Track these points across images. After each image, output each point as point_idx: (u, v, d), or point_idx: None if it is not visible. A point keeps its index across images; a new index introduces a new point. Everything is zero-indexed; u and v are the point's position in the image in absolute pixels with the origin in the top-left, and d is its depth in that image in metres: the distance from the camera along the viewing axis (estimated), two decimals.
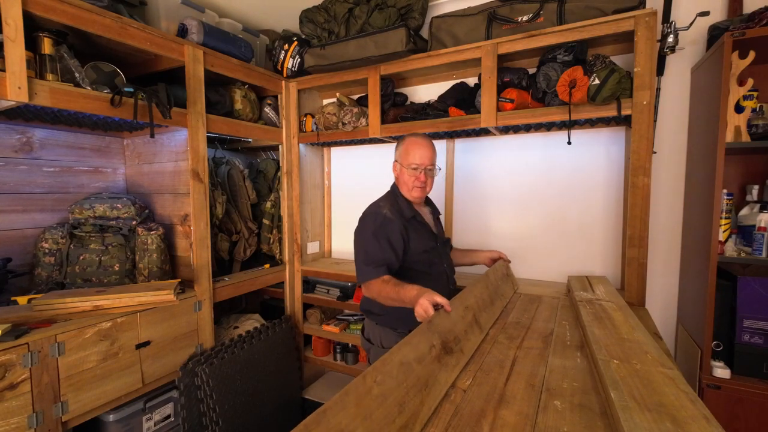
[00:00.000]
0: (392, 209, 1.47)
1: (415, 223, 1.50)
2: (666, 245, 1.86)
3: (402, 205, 1.50)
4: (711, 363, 1.53)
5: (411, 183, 1.48)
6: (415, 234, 1.47)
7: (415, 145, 1.47)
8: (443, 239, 1.64)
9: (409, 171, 1.47)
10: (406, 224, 1.45)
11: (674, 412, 0.72)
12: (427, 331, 0.99)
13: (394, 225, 1.41)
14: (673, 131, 1.82)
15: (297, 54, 2.24)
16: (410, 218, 1.48)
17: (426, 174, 1.48)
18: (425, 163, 1.46)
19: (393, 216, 1.43)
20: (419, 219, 1.51)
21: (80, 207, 1.74)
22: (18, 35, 1.22)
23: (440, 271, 1.53)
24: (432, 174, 1.51)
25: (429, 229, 1.54)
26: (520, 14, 1.76)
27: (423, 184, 1.48)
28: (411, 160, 1.46)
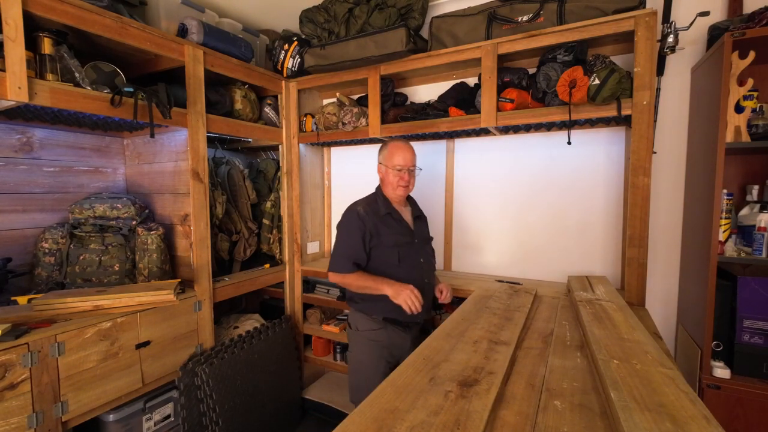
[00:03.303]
0: (367, 208, 1.65)
1: (390, 219, 1.65)
2: (666, 245, 1.86)
3: (380, 203, 1.67)
4: (711, 363, 1.53)
5: (396, 182, 1.64)
6: (387, 229, 1.63)
7: (398, 149, 1.64)
8: (424, 237, 1.78)
9: (394, 172, 1.63)
10: (378, 221, 1.62)
11: (674, 412, 0.72)
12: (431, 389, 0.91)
13: (364, 223, 1.61)
14: (673, 131, 1.82)
15: (297, 54, 2.24)
16: (384, 215, 1.64)
17: (409, 174, 1.64)
18: (408, 164, 1.63)
19: (365, 214, 1.62)
20: (395, 216, 1.67)
21: (80, 207, 1.74)
22: (18, 35, 1.22)
23: (413, 265, 1.65)
24: (414, 174, 1.68)
25: (405, 226, 1.69)
26: (520, 14, 1.76)
27: (407, 183, 1.64)
28: (395, 161, 1.62)
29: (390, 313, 1.60)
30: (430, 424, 0.75)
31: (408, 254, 1.64)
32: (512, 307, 1.49)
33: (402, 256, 1.62)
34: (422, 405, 0.82)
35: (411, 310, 1.44)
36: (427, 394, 0.87)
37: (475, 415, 0.77)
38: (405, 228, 1.68)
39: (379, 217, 1.63)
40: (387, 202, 1.68)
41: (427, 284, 1.67)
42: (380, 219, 1.63)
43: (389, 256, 1.61)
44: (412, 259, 1.65)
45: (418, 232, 1.74)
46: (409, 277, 1.59)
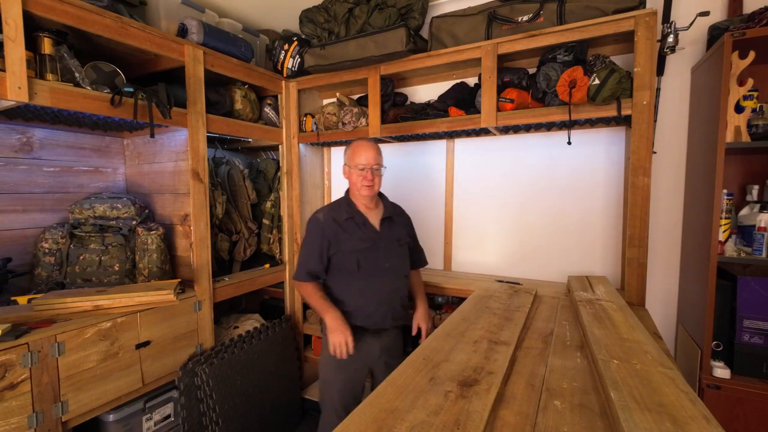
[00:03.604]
0: (328, 213, 1.63)
1: (351, 223, 1.60)
2: (666, 245, 1.86)
3: (343, 208, 1.63)
4: (711, 363, 1.53)
5: (359, 182, 1.58)
6: (347, 235, 1.58)
7: (360, 148, 1.59)
8: (395, 239, 1.67)
9: (357, 171, 1.58)
10: (338, 227, 1.58)
11: (674, 412, 0.72)
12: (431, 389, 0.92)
13: (323, 230, 1.59)
14: (673, 131, 1.82)
15: (297, 54, 2.24)
16: (345, 220, 1.59)
17: (373, 173, 1.58)
18: (371, 163, 1.57)
19: (325, 221, 1.60)
20: (357, 220, 1.60)
21: (80, 207, 1.74)
22: (18, 35, 1.22)
23: (375, 272, 1.59)
24: (379, 173, 1.62)
25: (370, 229, 1.61)
26: (520, 14, 1.76)
27: (370, 183, 1.58)
28: (358, 161, 1.58)
29: (355, 320, 1.58)
30: (430, 424, 0.75)
31: (369, 260, 1.58)
32: (512, 307, 1.49)
33: (362, 263, 1.57)
34: (422, 405, 0.82)
35: (337, 354, 1.48)
36: (427, 394, 0.87)
37: (475, 415, 0.77)
38: (368, 232, 1.61)
39: (340, 222, 1.59)
40: (351, 206, 1.63)
41: (393, 290, 1.62)
42: (341, 224, 1.59)
43: (349, 263, 1.57)
44: (375, 265, 1.59)
45: (386, 235, 1.64)
46: (370, 285, 1.57)
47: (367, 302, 1.58)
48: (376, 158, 1.59)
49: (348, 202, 1.65)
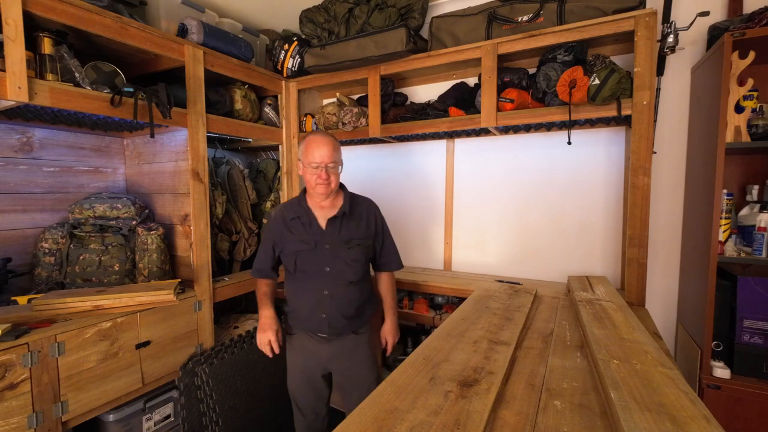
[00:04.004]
0: (281, 211, 1.57)
1: (297, 223, 1.52)
2: (666, 245, 1.86)
3: (294, 205, 1.56)
4: (711, 363, 1.53)
5: (313, 180, 1.46)
6: (291, 235, 1.52)
7: (314, 144, 1.46)
8: (344, 240, 1.51)
9: (311, 169, 1.46)
10: (285, 225, 1.53)
11: (674, 412, 0.72)
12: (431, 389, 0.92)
13: (272, 229, 1.57)
14: (673, 131, 1.82)
15: (297, 54, 2.24)
16: (292, 219, 1.53)
17: (328, 171, 1.46)
18: (325, 161, 1.45)
19: (275, 219, 1.57)
20: (304, 220, 1.52)
21: (80, 207, 1.74)
22: (18, 35, 1.22)
23: (312, 275, 1.50)
24: (335, 171, 1.49)
25: (315, 229, 1.51)
26: (520, 14, 1.76)
27: (325, 181, 1.46)
28: (311, 158, 1.45)
29: (293, 322, 1.57)
30: (430, 424, 0.75)
31: (308, 262, 1.49)
32: (512, 307, 1.49)
33: (299, 265, 1.49)
34: (422, 405, 0.82)
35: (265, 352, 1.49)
36: (427, 394, 0.87)
37: (475, 415, 0.77)
38: (312, 232, 1.50)
39: (287, 221, 1.53)
40: (301, 204, 1.55)
41: (332, 297, 1.49)
42: (287, 224, 1.53)
43: (289, 264, 1.51)
44: (313, 268, 1.49)
45: (332, 235, 1.50)
46: (306, 289, 1.51)
47: (302, 306, 1.53)
48: (332, 155, 1.46)
49: (299, 200, 1.57)
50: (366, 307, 1.60)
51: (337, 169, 1.51)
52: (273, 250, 1.56)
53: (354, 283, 1.53)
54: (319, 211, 1.54)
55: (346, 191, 1.62)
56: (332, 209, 1.54)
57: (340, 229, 1.52)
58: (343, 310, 1.51)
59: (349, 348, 1.55)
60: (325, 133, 1.49)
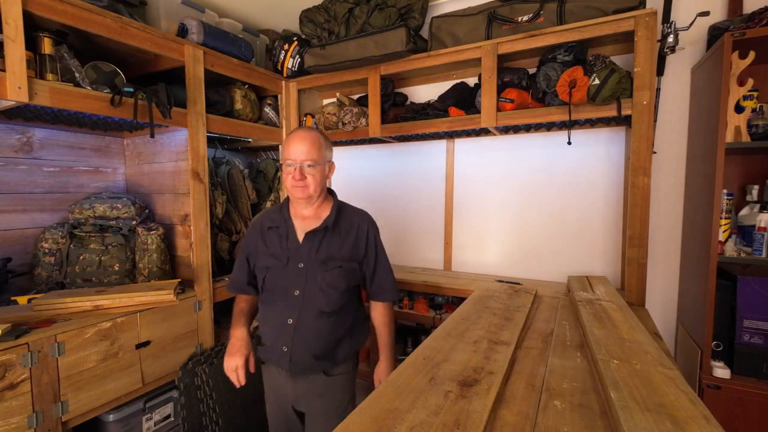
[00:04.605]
0: (261, 217, 1.39)
1: (273, 234, 1.32)
2: (666, 245, 1.86)
3: (276, 212, 1.36)
4: (711, 363, 1.53)
5: (288, 182, 1.27)
6: (264, 247, 1.32)
7: (291, 139, 1.27)
8: (320, 259, 1.26)
9: (286, 168, 1.27)
10: (260, 236, 1.34)
11: (674, 412, 0.72)
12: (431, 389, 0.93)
13: (248, 238, 1.38)
14: (673, 131, 1.82)
15: (297, 54, 2.24)
16: (270, 228, 1.33)
17: (303, 171, 1.23)
18: (300, 158, 1.23)
19: (253, 226, 1.39)
20: (281, 230, 1.30)
21: (80, 207, 1.74)
22: (18, 35, 1.22)
23: (279, 296, 1.27)
24: (314, 172, 1.25)
25: (290, 244, 1.28)
26: (520, 14, 1.76)
27: (299, 182, 1.23)
28: (286, 155, 1.27)
29: (264, 352, 1.33)
30: (430, 424, 0.75)
31: (276, 281, 1.27)
32: (512, 307, 1.49)
33: (267, 283, 1.28)
34: (422, 405, 0.82)
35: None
36: (427, 394, 0.87)
37: (475, 415, 0.77)
38: (286, 246, 1.28)
39: (264, 229, 1.34)
40: (283, 212, 1.34)
41: (298, 329, 1.23)
42: (264, 233, 1.34)
43: (259, 281, 1.32)
44: (281, 289, 1.26)
45: (307, 252, 1.26)
46: (271, 314, 1.29)
47: (266, 333, 1.31)
48: (309, 152, 1.23)
49: (282, 207, 1.36)
50: (342, 347, 1.30)
51: (318, 171, 1.26)
52: (248, 262, 1.36)
53: (327, 315, 1.25)
54: (300, 221, 1.31)
55: (335, 200, 1.37)
56: (315, 220, 1.31)
57: (319, 246, 1.27)
58: (309, 346, 1.24)
59: (319, 391, 1.28)
60: (311, 129, 1.29)
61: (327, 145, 1.30)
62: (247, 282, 1.37)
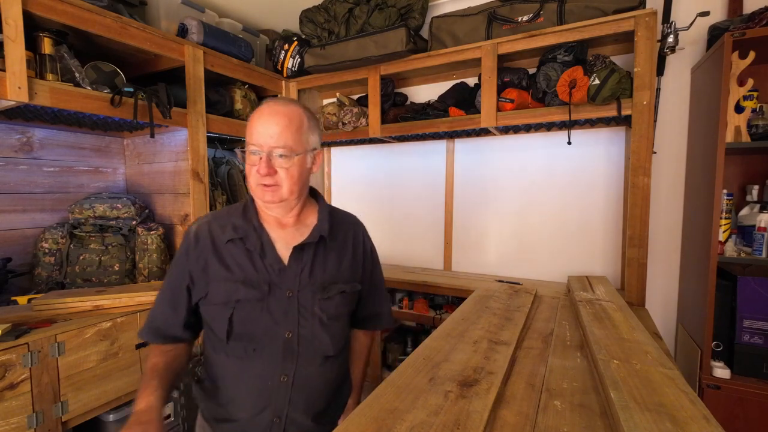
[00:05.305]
0: (210, 223, 0.94)
1: (237, 249, 0.90)
2: (666, 245, 1.86)
3: (235, 217, 0.94)
4: (711, 363, 1.53)
5: (252, 178, 0.88)
6: (223, 270, 0.88)
7: (257, 116, 0.87)
8: (317, 285, 0.92)
9: (249, 157, 0.88)
10: (213, 251, 0.90)
11: (674, 412, 0.72)
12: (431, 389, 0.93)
13: (188, 256, 0.91)
14: (673, 131, 1.82)
15: (297, 54, 2.24)
16: (230, 240, 0.90)
17: (272, 162, 0.85)
18: (269, 144, 0.84)
19: (198, 236, 0.92)
20: (251, 243, 0.90)
21: (80, 207, 1.74)
22: (18, 35, 1.22)
23: (260, 342, 0.87)
24: (288, 164, 0.86)
25: (268, 264, 0.89)
26: (520, 14, 1.76)
27: (269, 181, 0.86)
28: (248, 139, 0.88)
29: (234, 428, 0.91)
30: (429, 424, 0.75)
31: (253, 322, 0.87)
32: (512, 307, 1.49)
33: (237, 326, 0.87)
34: (422, 405, 0.82)
35: None
36: (427, 394, 0.87)
37: (475, 415, 0.77)
38: (265, 266, 0.89)
39: (218, 243, 0.91)
40: (248, 214, 0.94)
41: (288, 385, 0.88)
42: (218, 247, 0.90)
43: (217, 321, 0.88)
44: (263, 334, 0.87)
45: (300, 275, 0.90)
46: (244, 370, 0.88)
47: (237, 401, 0.90)
48: (282, 135, 0.85)
49: (245, 210, 0.95)
50: (342, 395, 1.03)
51: (296, 163, 0.87)
52: (187, 294, 0.91)
53: (332, 360, 0.95)
54: (278, 231, 0.94)
55: (322, 202, 1.03)
56: (299, 229, 0.96)
57: (313, 265, 0.92)
58: (309, 406, 0.90)
59: None
60: (290, 101, 0.91)
61: (312, 125, 0.92)
62: (183, 324, 0.93)
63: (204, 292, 0.89)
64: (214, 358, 0.95)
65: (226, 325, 0.87)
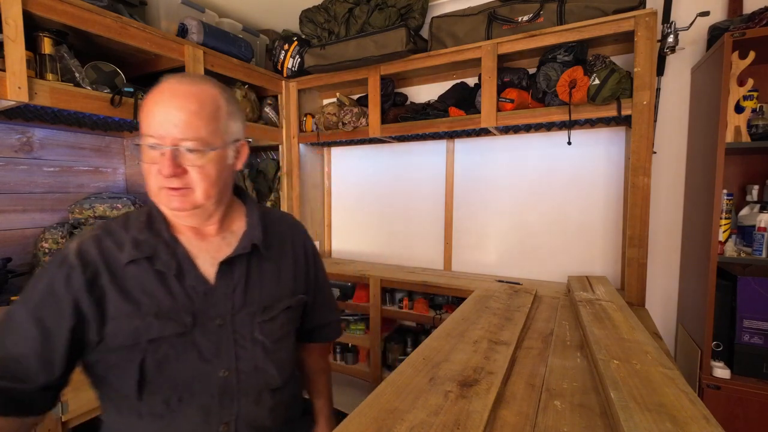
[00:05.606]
0: (102, 239, 0.71)
1: (137, 273, 0.70)
2: (666, 245, 1.86)
3: (136, 229, 0.73)
4: (711, 363, 1.53)
5: (151, 179, 0.69)
6: (126, 304, 0.68)
7: (155, 98, 0.68)
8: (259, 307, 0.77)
9: (146, 153, 0.69)
10: (109, 277, 0.68)
11: (674, 412, 0.72)
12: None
13: (66, 285, 0.66)
14: (673, 131, 1.82)
15: (297, 54, 2.24)
16: (131, 262, 0.70)
17: (177, 159, 0.67)
18: (172, 135, 0.66)
19: (87, 258, 0.68)
20: (161, 262, 0.71)
21: (80, 207, 1.74)
22: (18, 35, 1.22)
23: (185, 392, 0.69)
24: (202, 161, 0.69)
25: (190, 286, 0.72)
26: (520, 14, 1.76)
27: (177, 183, 0.68)
28: (144, 129, 0.68)
29: None
30: (429, 424, 0.75)
31: (175, 365, 0.69)
32: (512, 307, 1.49)
33: (152, 375, 0.68)
34: (422, 405, 0.82)
35: None
36: (427, 394, 0.87)
37: (475, 415, 0.77)
38: (187, 291, 0.72)
39: (115, 266, 0.70)
40: (156, 226, 0.74)
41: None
42: (116, 273, 0.69)
43: (121, 374, 0.68)
44: (190, 378, 0.70)
45: (232, 297, 0.75)
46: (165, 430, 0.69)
47: None
48: (190, 124, 0.67)
49: (152, 217, 0.75)
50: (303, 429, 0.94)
51: (213, 158, 0.70)
52: (69, 338, 0.65)
53: (279, 392, 0.80)
54: (198, 243, 0.76)
55: (250, 203, 0.87)
56: (227, 239, 0.79)
57: (248, 282, 0.77)
58: None
59: None
60: (195, 79, 0.72)
61: (233, 110, 0.74)
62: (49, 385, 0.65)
63: (98, 336, 0.66)
64: (119, 424, 0.70)
65: (136, 376, 0.66)
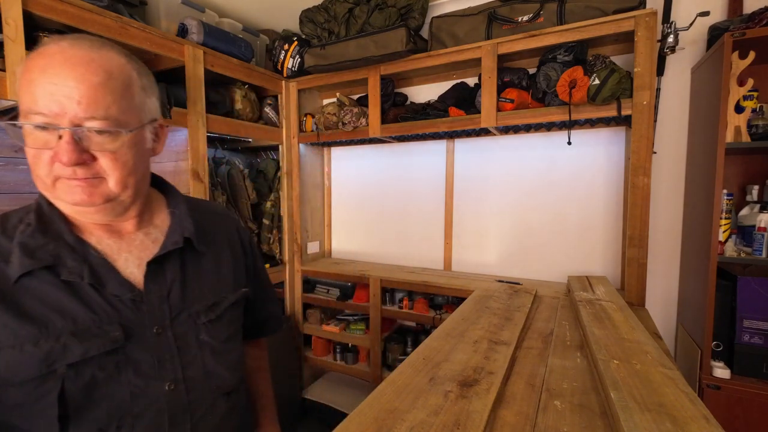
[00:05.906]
0: None
1: (36, 287, 0.56)
2: (666, 245, 1.86)
3: (23, 232, 0.58)
4: (711, 363, 1.53)
5: (39, 168, 0.56)
6: (21, 326, 0.54)
7: (42, 62, 0.54)
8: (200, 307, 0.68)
9: (29, 136, 0.55)
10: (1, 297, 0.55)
11: (674, 413, 0.72)
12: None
13: None
14: (673, 131, 1.82)
15: (297, 54, 2.24)
16: (26, 275, 0.56)
17: (80, 144, 0.55)
18: (73, 112, 0.53)
19: None
20: (68, 270, 0.57)
21: None
22: (18, 35, 1.22)
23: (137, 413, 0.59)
24: (115, 145, 0.57)
25: (110, 295, 0.60)
26: (520, 14, 1.76)
27: (83, 173, 0.56)
28: (27, 104, 0.55)
29: None
30: (429, 424, 0.75)
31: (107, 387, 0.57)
32: (512, 307, 1.49)
33: (79, 403, 0.55)
34: (422, 405, 0.82)
35: None
36: (427, 394, 0.87)
37: (475, 415, 0.77)
38: (109, 300, 0.59)
39: (4, 287, 0.55)
40: (55, 228, 0.60)
41: None
42: (6, 294, 0.55)
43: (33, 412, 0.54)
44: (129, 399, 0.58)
45: (167, 300, 0.64)
46: None
47: None
48: (97, 98, 0.55)
49: (44, 216, 0.61)
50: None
51: (128, 142, 0.59)
52: None
53: (234, 394, 0.73)
54: (113, 242, 0.64)
55: (173, 193, 0.77)
56: (151, 234, 0.68)
57: (185, 281, 0.68)
58: None
59: None
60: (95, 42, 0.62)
61: (147, 83, 0.66)
62: None
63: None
64: None
65: (55, 410, 0.53)
